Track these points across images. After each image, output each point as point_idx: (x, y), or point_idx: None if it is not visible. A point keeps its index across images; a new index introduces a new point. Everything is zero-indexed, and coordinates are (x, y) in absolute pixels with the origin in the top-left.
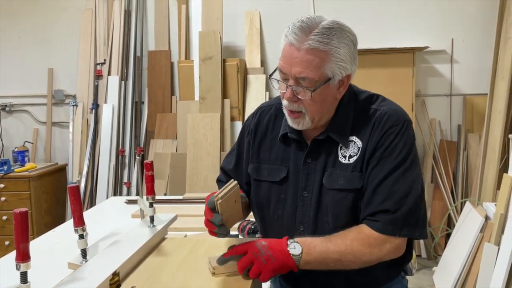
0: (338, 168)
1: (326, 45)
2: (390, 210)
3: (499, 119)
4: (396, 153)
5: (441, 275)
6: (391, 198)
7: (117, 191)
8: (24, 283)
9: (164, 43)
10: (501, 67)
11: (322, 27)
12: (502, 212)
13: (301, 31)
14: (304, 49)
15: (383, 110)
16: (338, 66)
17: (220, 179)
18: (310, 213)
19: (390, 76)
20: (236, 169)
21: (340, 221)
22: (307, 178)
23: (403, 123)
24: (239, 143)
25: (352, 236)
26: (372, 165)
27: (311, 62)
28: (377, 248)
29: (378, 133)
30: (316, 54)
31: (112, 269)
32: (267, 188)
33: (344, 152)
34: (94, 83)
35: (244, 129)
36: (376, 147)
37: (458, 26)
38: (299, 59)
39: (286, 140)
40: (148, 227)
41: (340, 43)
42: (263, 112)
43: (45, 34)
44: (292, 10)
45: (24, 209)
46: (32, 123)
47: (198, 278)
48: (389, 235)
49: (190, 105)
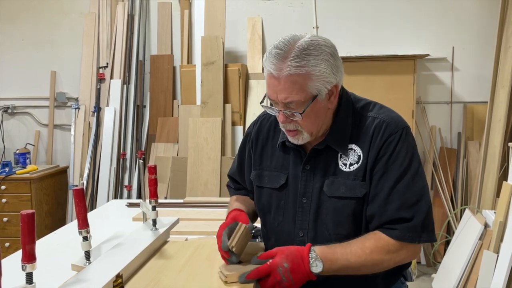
0: (340, 176)
1: (303, 67)
2: (406, 218)
3: (499, 127)
4: (400, 160)
5: (440, 282)
6: (405, 206)
7: (118, 194)
8: (30, 283)
9: (167, 47)
10: (501, 76)
11: (297, 49)
12: (502, 220)
13: (277, 60)
14: (284, 77)
15: (381, 118)
16: (321, 82)
17: (229, 186)
18: (310, 219)
19: (391, 83)
20: (239, 174)
21: (340, 228)
22: (306, 185)
23: (402, 130)
24: (240, 151)
25: (371, 244)
26: (379, 174)
27: (293, 87)
28: (395, 254)
29: (378, 142)
30: (296, 79)
31: (115, 271)
32: (268, 195)
33: (344, 160)
34: (96, 86)
35: (246, 137)
36: (378, 156)
37: (459, 35)
38: (282, 86)
39: (286, 148)
40: (151, 230)
41: (317, 61)
42: (264, 120)
43: (48, 37)
44: (294, 16)
45: (31, 210)
46: (34, 125)
47: (199, 281)
48: (409, 243)
49: (192, 109)
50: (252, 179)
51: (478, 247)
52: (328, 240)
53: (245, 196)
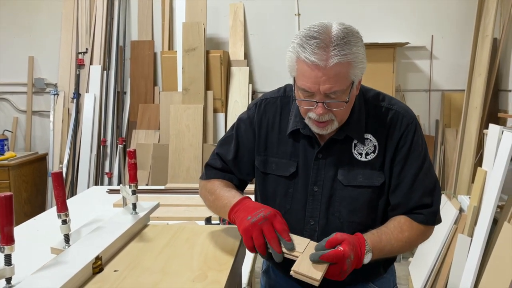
0: (356, 165)
1: (348, 56)
2: (428, 204)
3: (475, 115)
4: (418, 150)
5: (417, 265)
6: (426, 193)
7: (99, 181)
8: (8, 265)
9: (147, 33)
10: (478, 64)
11: (337, 37)
12: (476, 205)
13: (319, 49)
14: (330, 67)
15: (395, 109)
16: (359, 69)
17: (212, 164)
18: (321, 208)
19: (371, 70)
20: (235, 160)
21: (356, 216)
22: (318, 173)
23: (415, 120)
24: (237, 134)
25: (407, 227)
26: (401, 165)
27: (339, 76)
28: (424, 235)
29: (397, 133)
30: (341, 67)
31: (95, 253)
32: (274, 182)
33: (359, 150)
34: (75, 72)
35: (245, 119)
36: (397, 146)
37: (438, 24)
38: (326, 77)
39: (296, 135)
40: (131, 214)
41: (358, 47)
42: (268, 104)
43: (26, 22)
44: (276, 3)
45: (9, 193)
46: (12, 112)
47: (179, 262)
48: (431, 225)
49: (173, 96)
50: (257, 165)
51: (453, 231)
52: (340, 228)
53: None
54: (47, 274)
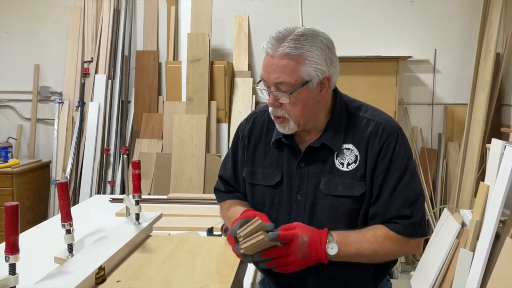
0: (337, 175)
1: (298, 49)
2: (407, 215)
3: (478, 129)
4: (399, 161)
5: (419, 279)
6: (406, 204)
7: (101, 189)
8: (13, 274)
9: (153, 43)
10: (481, 79)
11: (295, 34)
12: (478, 219)
13: (275, 40)
14: (278, 56)
15: (377, 120)
16: (313, 68)
17: (218, 188)
18: (305, 216)
19: (374, 83)
20: (234, 176)
21: (337, 225)
22: (301, 182)
23: (397, 131)
24: (233, 150)
25: (382, 234)
26: (381, 176)
27: (286, 67)
28: (404, 244)
29: (377, 144)
30: (289, 59)
31: (98, 263)
32: (262, 192)
33: (341, 160)
34: (80, 81)
35: (238, 134)
36: (378, 157)
37: (441, 38)
38: (275, 66)
39: (280, 145)
40: (134, 224)
41: (312, 47)
42: (257, 118)
43: (33, 30)
44: (280, 15)
45: (15, 202)
46: (17, 119)
47: (181, 274)
48: (408, 236)
49: (177, 105)
50: (245, 176)
51: (455, 246)
52: None
53: (244, 201)
54: (51, 284)
